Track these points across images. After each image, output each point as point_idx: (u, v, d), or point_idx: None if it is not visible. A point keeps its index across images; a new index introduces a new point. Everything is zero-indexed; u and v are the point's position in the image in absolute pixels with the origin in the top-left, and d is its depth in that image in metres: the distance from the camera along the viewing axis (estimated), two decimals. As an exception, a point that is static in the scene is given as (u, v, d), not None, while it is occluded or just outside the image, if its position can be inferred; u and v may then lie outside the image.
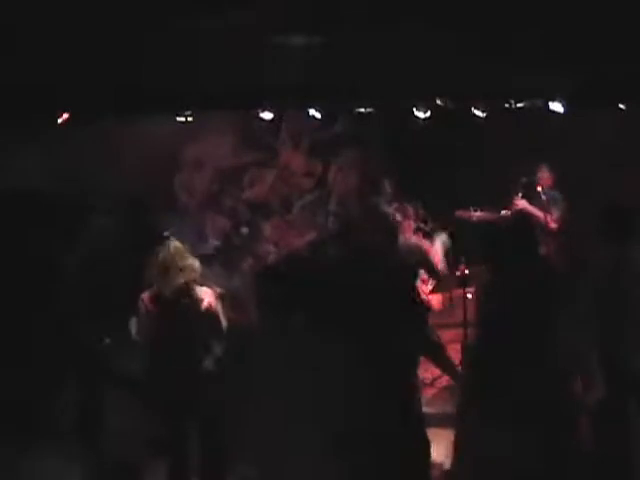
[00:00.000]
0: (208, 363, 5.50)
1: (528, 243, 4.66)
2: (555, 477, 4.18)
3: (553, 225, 8.48)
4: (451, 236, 7.49)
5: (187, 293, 5.51)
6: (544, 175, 8.78)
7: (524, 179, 8.66)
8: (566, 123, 8.62)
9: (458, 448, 4.68)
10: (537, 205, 8.60)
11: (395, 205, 8.96)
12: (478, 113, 8.53)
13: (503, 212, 8.50)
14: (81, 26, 6.73)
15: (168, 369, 5.52)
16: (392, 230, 5.12)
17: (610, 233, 5.51)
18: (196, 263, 5.60)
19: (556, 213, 8.55)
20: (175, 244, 5.61)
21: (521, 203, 8.51)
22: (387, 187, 9.31)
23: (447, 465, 5.12)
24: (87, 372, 6.11)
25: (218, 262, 8.84)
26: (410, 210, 8.44)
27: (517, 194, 8.63)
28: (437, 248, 7.02)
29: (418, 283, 7.88)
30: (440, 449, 5.26)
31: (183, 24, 6.85)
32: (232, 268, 9.35)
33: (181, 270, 5.49)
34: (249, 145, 10.42)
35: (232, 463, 5.56)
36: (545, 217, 8.48)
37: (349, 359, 4.39)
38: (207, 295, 5.60)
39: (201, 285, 5.63)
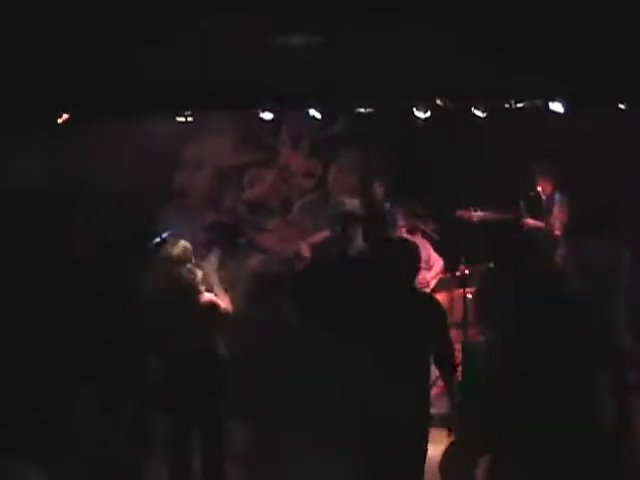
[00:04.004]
0: (211, 362, 5.50)
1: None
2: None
3: (557, 232, 8.48)
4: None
5: (189, 291, 5.53)
6: (544, 184, 8.82)
7: (530, 193, 8.72)
8: (566, 123, 8.62)
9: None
10: (541, 215, 8.64)
11: (389, 205, 9.00)
12: (478, 113, 8.53)
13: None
14: (81, 26, 6.73)
15: (169, 367, 5.54)
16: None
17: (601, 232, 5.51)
18: (196, 266, 5.62)
19: (561, 218, 8.56)
20: (179, 244, 5.64)
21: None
22: (378, 188, 9.31)
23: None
24: (87, 372, 6.10)
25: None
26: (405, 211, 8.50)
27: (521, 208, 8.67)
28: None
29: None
30: (440, 449, 5.26)
31: (183, 24, 6.85)
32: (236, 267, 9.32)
33: (177, 274, 5.52)
34: (249, 145, 10.42)
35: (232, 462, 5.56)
36: (549, 226, 8.49)
37: (360, 358, 4.40)
38: (211, 297, 5.63)
39: (206, 289, 5.65)
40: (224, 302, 5.67)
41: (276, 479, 4.36)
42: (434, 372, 4.99)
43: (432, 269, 8.33)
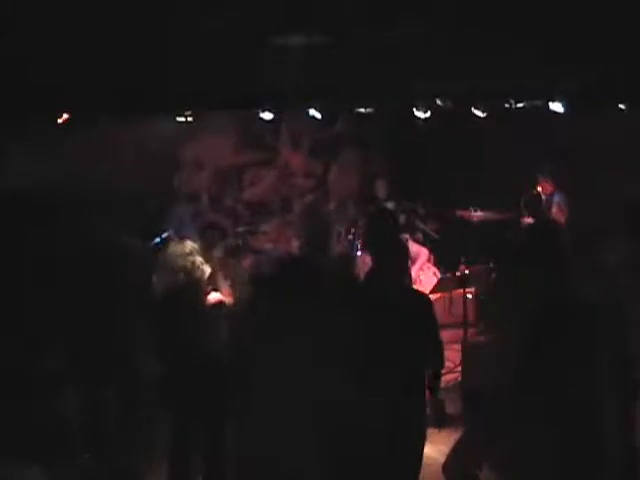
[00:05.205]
0: (213, 361, 5.50)
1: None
2: None
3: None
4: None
5: (197, 289, 5.53)
6: (544, 185, 8.85)
7: (527, 195, 8.74)
8: (566, 123, 8.62)
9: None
10: (542, 214, 8.66)
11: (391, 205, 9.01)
12: (478, 113, 8.53)
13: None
14: (81, 26, 6.73)
15: (170, 368, 5.54)
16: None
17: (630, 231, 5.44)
18: (202, 263, 5.62)
19: (559, 218, 8.57)
20: (185, 242, 5.67)
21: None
22: (381, 188, 9.33)
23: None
24: (88, 374, 6.10)
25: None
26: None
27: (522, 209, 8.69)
28: None
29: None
30: (440, 449, 5.26)
31: (183, 24, 6.85)
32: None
33: (183, 268, 5.51)
34: (249, 145, 10.43)
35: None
36: None
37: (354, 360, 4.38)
38: (218, 296, 5.64)
39: (212, 289, 5.67)
40: (228, 298, 5.69)
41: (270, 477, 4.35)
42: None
43: (416, 261, 8.32)
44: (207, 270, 5.63)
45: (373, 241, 6.40)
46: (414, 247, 8.35)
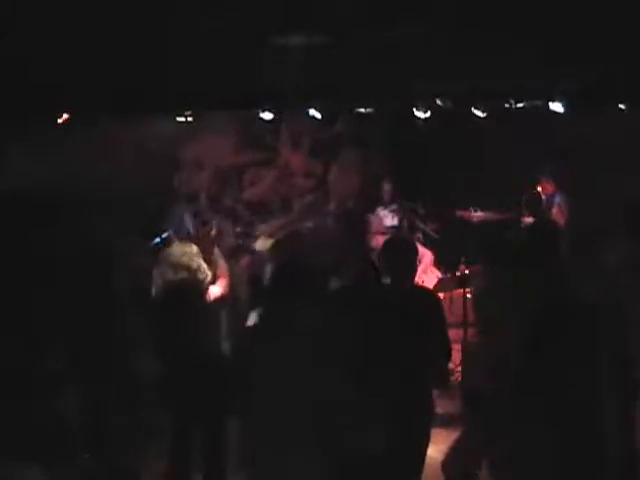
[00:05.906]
0: (214, 361, 5.50)
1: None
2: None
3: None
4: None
5: (190, 291, 5.54)
6: (544, 185, 8.85)
7: (528, 195, 8.74)
8: (566, 123, 8.62)
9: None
10: (542, 214, 8.65)
11: (393, 207, 9.01)
12: (478, 113, 8.53)
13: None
14: (81, 26, 6.73)
15: (170, 368, 5.54)
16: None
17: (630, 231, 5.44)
18: (207, 269, 5.65)
19: (559, 219, 8.57)
20: (188, 244, 5.69)
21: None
22: (385, 189, 9.33)
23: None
24: (88, 373, 6.10)
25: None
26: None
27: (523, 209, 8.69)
28: None
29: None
30: (440, 449, 5.26)
31: (183, 24, 6.85)
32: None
33: (187, 267, 5.53)
34: (249, 145, 10.43)
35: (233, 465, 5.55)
36: None
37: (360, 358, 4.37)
38: (215, 292, 5.66)
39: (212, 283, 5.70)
40: (223, 286, 5.72)
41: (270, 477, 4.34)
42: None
43: (421, 262, 8.32)
44: (209, 274, 5.67)
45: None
46: (419, 249, 8.37)
